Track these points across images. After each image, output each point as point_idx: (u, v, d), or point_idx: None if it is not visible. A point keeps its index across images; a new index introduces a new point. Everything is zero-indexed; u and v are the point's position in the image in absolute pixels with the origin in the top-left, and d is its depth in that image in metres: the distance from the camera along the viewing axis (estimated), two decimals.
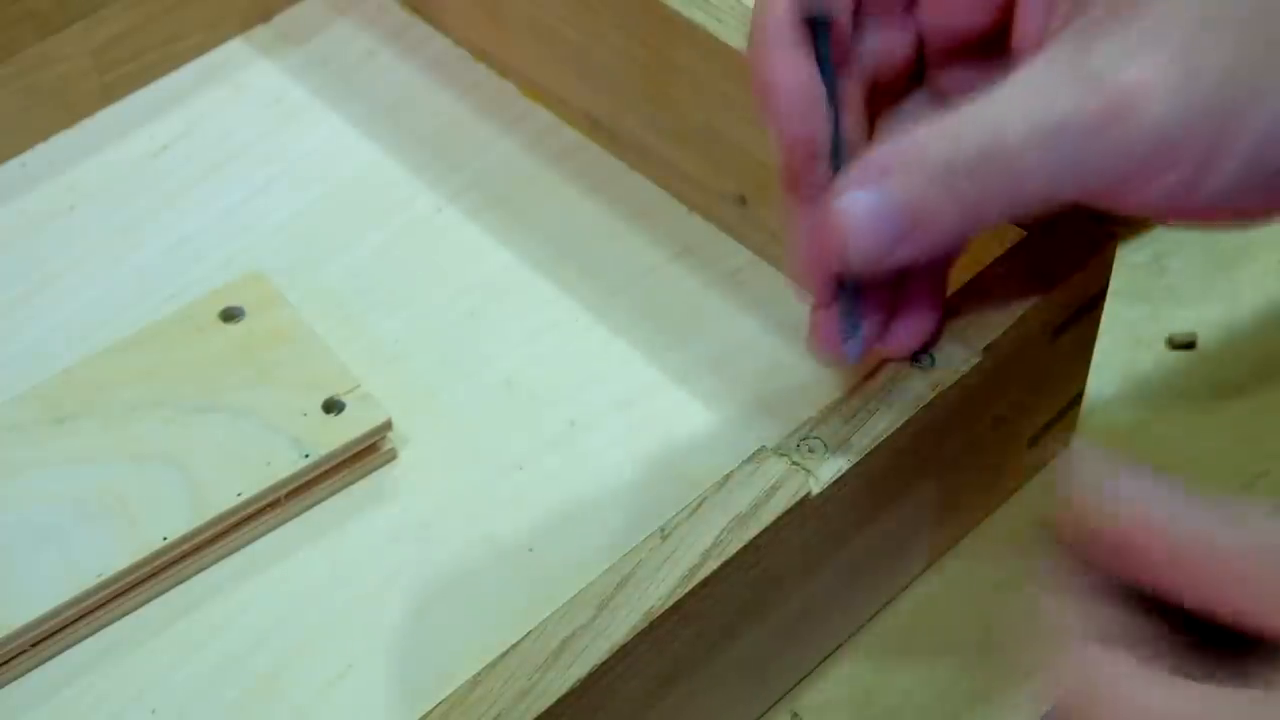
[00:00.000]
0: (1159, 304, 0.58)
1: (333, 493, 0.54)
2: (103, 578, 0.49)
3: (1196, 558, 0.35)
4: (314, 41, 0.68)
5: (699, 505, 0.43)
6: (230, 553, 0.52)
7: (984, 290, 0.47)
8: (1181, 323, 0.58)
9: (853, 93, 0.44)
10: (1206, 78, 0.38)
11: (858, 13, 0.44)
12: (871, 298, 0.44)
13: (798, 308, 0.57)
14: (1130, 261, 0.59)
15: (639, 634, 0.40)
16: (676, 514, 0.43)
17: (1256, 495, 0.53)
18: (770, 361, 0.56)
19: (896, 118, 0.46)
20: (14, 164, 0.64)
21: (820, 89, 0.42)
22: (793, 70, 0.42)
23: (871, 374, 0.45)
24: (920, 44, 0.46)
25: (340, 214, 0.62)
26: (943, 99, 0.46)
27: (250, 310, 0.56)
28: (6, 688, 0.49)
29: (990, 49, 0.44)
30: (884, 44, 0.45)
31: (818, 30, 0.41)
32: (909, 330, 0.45)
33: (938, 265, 0.46)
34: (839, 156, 0.42)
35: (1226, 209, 0.40)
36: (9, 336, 0.58)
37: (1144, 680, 0.35)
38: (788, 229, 0.44)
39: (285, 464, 0.52)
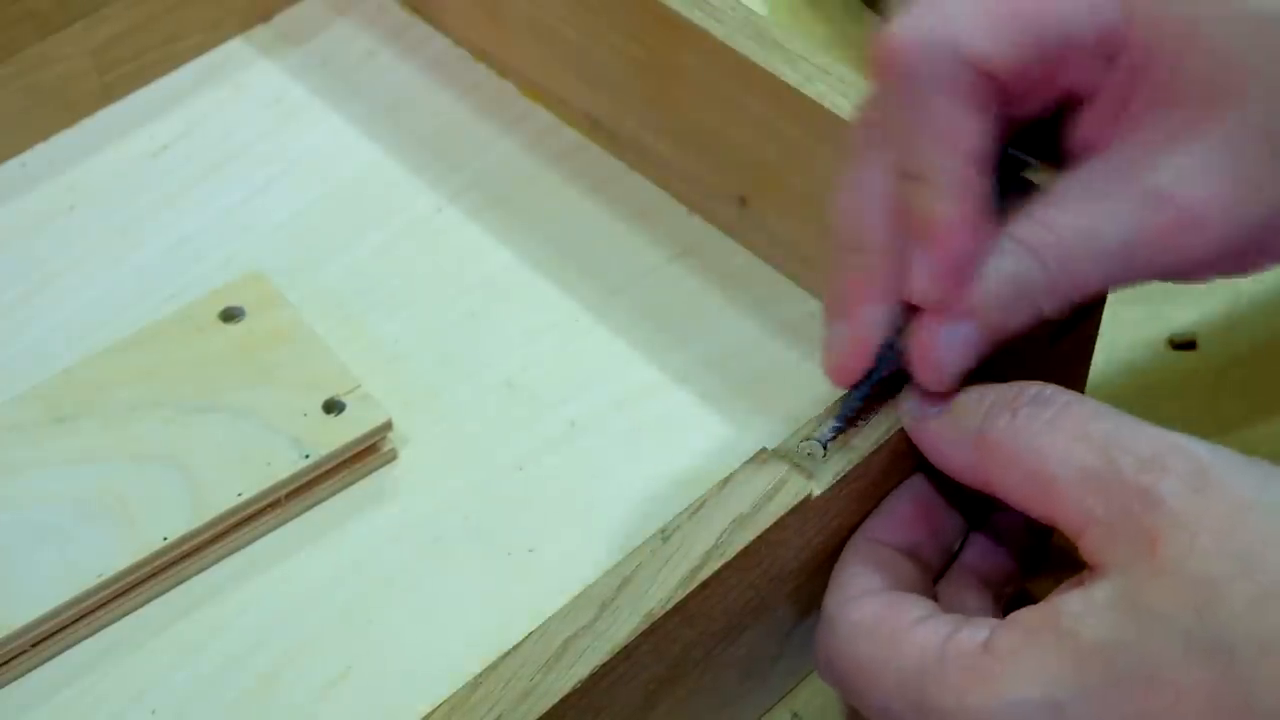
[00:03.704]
0: (1159, 304, 0.58)
1: (333, 493, 0.54)
2: (103, 578, 0.49)
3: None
4: (314, 41, 0.68)
5: (700, 506, 0.43)
6: (230, 553, 0.52)
7: None
8: (1181, 323, 0.58)
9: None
10: (1266, 199, 0.40)
11: None
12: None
13: (798, 307, 0.58)
14: None
15: (640, 635, 0.40)
16: (677, 515, 0.43)
17: None
18: (770, 361, 0.56)
19: None
20: (14, 164, 0.64)
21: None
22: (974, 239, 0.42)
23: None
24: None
25: (340, 214, 0.62)
26: None
27: (250, 310, 0.56)
28: (6, 688, 0.49)
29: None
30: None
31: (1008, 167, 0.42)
32: None
33: None
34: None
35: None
36: (9, 336, 0.58)
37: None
38: (829, 332, 0.44)
39: (285, 464, 0.52)
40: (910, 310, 0.42)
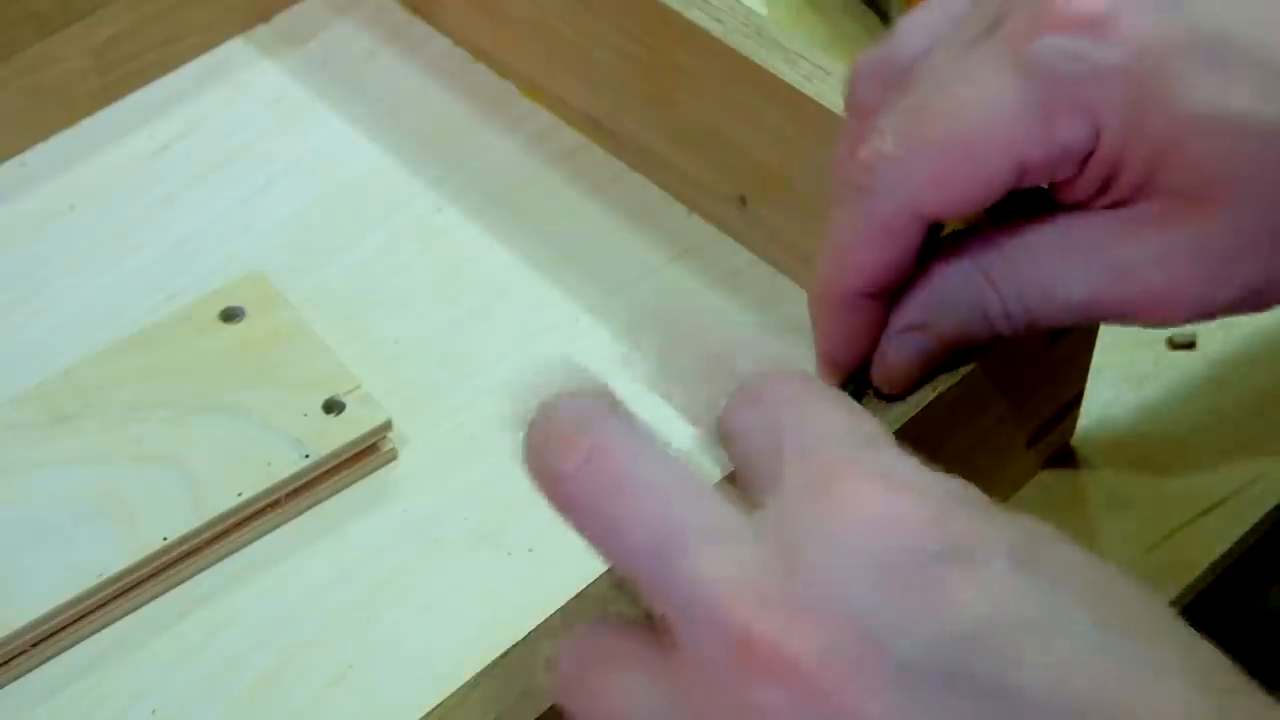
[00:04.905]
0: None
1: (333, 493, 0.54)
2: (103, 578, 0.49)
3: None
4: (314, 41, 0.68)
5: None
6: (230, 553, 0.52)
7: None
8: None
9: None
10: (1232, 292, 0.41)
11: None
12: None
13: (798, 307, 0.57)
14: None
15: None
16: None
17: (1256, 495, 0.53)
18: (770, 361, 0.56)
19: None
20: (14, 164, 0.64)
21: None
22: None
23: None
24: None
25: (340, 214, 0.62)
26: None
27: (250, 310, 0.56)
28: (6, 688, 0.49)
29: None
30: None
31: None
32: None
33: None
34: None
35: None
36: (9, 336, 0.58)
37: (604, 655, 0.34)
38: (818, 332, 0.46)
39: (285, 464, 0.52)
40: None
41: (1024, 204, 0.43)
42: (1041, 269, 0.42)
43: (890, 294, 0.44)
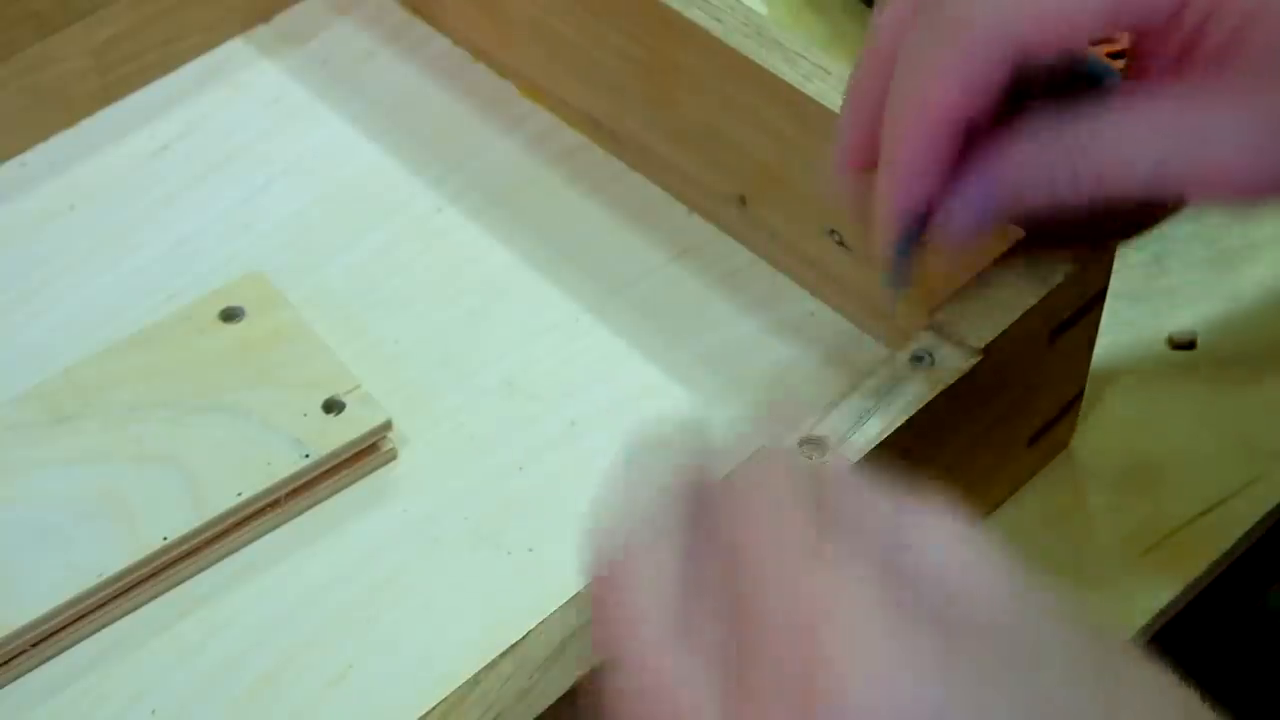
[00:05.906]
0: (1159, 304, 0.58)
1: (333, 493, 0.54)
2: (103, 578, 0.50)
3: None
4: (314, 41, 0.68)
5: None
6: (230, 553, 0.52)
7: (984, 290, 0.47)
8: (1181, 323, 0.58)
9: None
10: None
11: None
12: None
13: (798, 307, 0.58)
14: (1130, 261, 0.59)
15: None
16: None
17: (1256, 495, 0.53)
18: (770, 361, 0.56)
19: None
20: (14, 164, 0.64)
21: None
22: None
23: (871, 374, 0.45)
24: None
25: (340, 214, 0.62)
26: None
27: (250, 310, 0.56)
28: (6, 688, 0.49)
29: None
30: None
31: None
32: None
33: None
34: None
35: None
36: (9, 336, 0.58)
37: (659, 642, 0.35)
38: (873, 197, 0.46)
39: (285, 464, 0.52)
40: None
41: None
42: (1112, 133, 0.42)
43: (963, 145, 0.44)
